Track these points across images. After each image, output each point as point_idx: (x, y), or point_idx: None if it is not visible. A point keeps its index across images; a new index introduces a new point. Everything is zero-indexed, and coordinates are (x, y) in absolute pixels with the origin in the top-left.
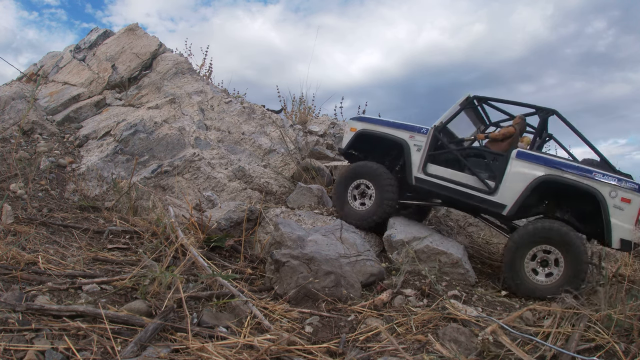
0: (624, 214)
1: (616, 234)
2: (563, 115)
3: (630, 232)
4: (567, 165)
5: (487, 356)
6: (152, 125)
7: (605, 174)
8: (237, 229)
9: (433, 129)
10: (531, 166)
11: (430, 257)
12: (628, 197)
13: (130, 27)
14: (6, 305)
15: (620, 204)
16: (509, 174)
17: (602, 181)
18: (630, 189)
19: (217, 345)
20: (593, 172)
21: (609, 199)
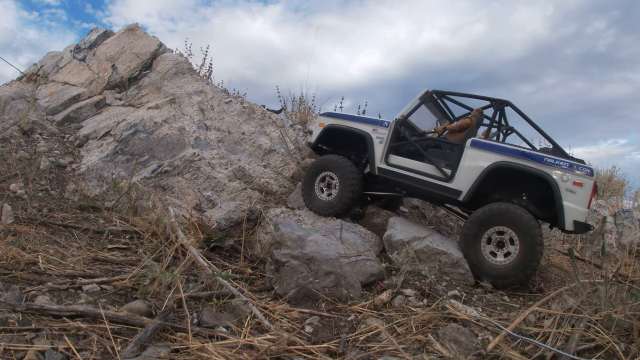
0: (576, 196)
1: (569, 216)
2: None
3: (583, 214)
4: (518, 152)
5: (487, 356)
6: (152, 125)
7: (557, 159)
8: (237, 229)
9: (394, 122)
10: (484, 154)
11: (430, 257)
12: (580, 181)
13: (130, 27)
14: (6, 305)
15: (572, 187)
16: (464, 161)
17: (553, 166)
18: (582, 172)
19: (217, 345)
20: (544, 157)
21: (561, 183)
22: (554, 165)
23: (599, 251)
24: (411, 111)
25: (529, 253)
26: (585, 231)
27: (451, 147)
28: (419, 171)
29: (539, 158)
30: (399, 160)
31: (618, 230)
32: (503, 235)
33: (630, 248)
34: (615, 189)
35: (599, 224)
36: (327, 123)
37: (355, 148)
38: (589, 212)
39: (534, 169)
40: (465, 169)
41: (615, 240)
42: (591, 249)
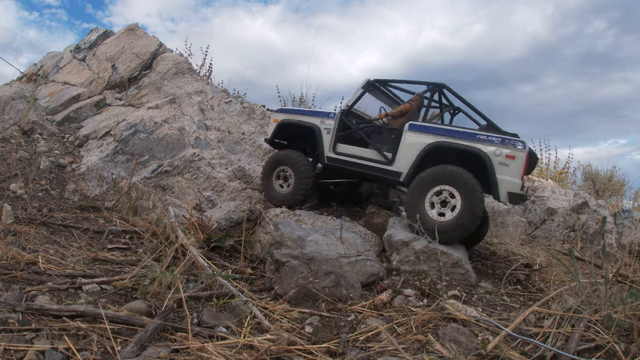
0: (509, 169)
1: (503, 188)
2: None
3: (517, 185)
4: (452, 131)
5: (487, 356)
6: (152, 125)
7: (490, 135)
8: (237, 229)
9: (340, 112)
10: (421, 135)
11: (430, 257)
12: (512, 154)
13: (131, 27)
14: (6, 305)
15: (505, 161)
16: (403, 144)
17: (486, 142)
18: (514, 146)
19: (217, 345)
20: (477, 134)
21: (494, 157)
22: (486, 142)
23: (599, 251)
24: (355, 101)
25: (469, 212)
26: (520, 202)
27: (392, 132)
28: (364, 157)
29: (472, 135)
30: (345, 149)
31: (618, 230)
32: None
33: (630, 248)
34: (615, 189)
35: (598, 224)
36: (281, 119)
37: (308, 141)
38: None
39: (468, 145)
40: (404, 152)
41: (615, 240)
42: (591, 249)
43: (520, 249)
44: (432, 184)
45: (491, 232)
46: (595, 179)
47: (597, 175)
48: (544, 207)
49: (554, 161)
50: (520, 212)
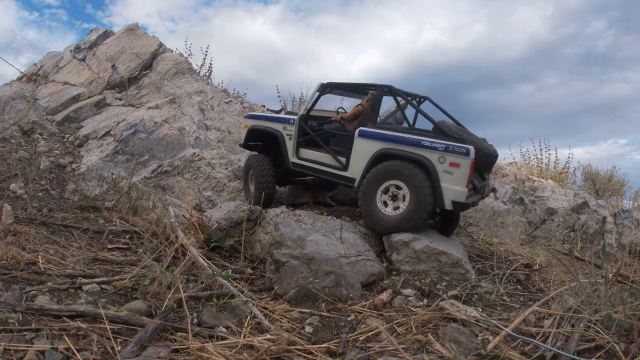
0: (454, 177)
1: (447, 196)
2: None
3: (461, 194)
4: (399, 138)
5: (487, 356)
6: (152, 125)
7: (434, 141)
8: (237, 229)
9: (298, 118)
10: (370, 142)
11: (430, 257)
12: (457, 162)
13: (130, 27)
14: (6, 305)
15: (449, 169)
16: (354, 151)
17: (430, 149)
18: (459, 153)
19: (217, 345)
20: (422, 141)
21: (438, 165)
22: (430, 148)
23: (599, 251)
24: (312, 105)
25: (416, 206)
26: (464, 209)
27: (346, 137)
28: (323, 163)
29: (417, 142)
30: (307, 154)
31: (618, 230)
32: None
33: (630, 248)
34: (615, 189)
35: (598, 224)
36: (250, 124)
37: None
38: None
39: (413, 153)
40: (355, 158)
41: (615, 240)
42: (591, 249)
43: (520, 249)
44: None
45: (491, 232)
46: (595, 179)
47: (597, 175)
48: (544, 207)
49: (554, 161)
50: (520, 212)
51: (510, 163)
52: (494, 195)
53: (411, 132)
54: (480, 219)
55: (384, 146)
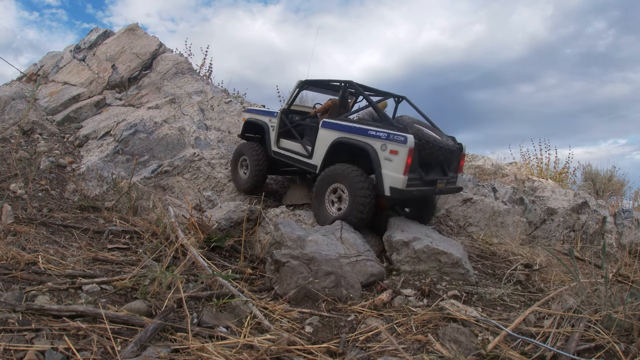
0: (393, 164)
1: (387, 182)
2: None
3: (399, 180)
4: (351, 127)
5: (487, 356)
6: (152, 125)
7: (379, 130)
8: (237, 229)
9: (280, 111)
10: (329, 132)
11: (430, 257)
12: (396, 149)
13: (130, 27)
14: (6, 305)
15: (389, 156)
16: (318, 140)
17: (374, 137)
18: (397, 141)
19: (217, 345)
20: (368, 130)
21: (380, 152)
22: (375, 137)
23: (599, 251)
24: (292, 100)
25: (354, 206)
26: (402, 197)
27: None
28: (296, 151)
29: (365, 131)
30: (286, 144)
31: (618, 230)
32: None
33: (630, 248)
34: (615, 189)
35: (598, 224)
36: (247, 117)
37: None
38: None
39: (360, 141)
40: (318, 147)
41: (615, 240)
42: (591, 249)
43: (520, 249)
44: (328, 185)
45: (491, 232)
46: (595, 179)
47: (597, 175)
48: (544, 207)
49: (554, 161)
50: (520, 212)
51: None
52: (494, 195)
53: (362, 123)
54: (480, 219)
55: (339, 135)
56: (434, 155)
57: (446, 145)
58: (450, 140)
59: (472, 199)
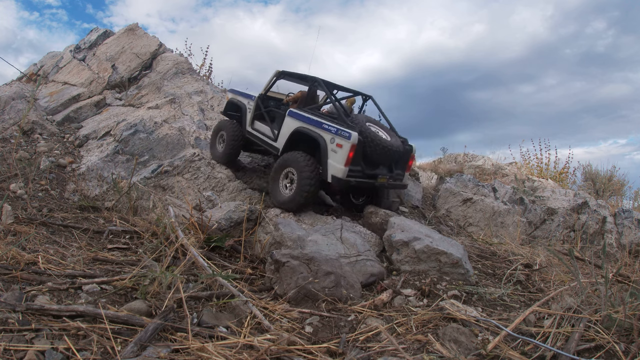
0: (337, 156)
1: (330, 171)
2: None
3: (340, 170)
4: (309, 120)
5: (487, 356)
6: (152, 125)
7: (330, 125)
8: (237, 229)
9: (257, 96)
10: (292, 120)
11: (430, 257)
12: (341, 143)
13: (130, 27)
14: (6, 305)
15: (335, 148)
16: (283, 126)
17: (326, 130)
18: (343, 136)
19: (217, 345)
20: (322, 123)
21: (329, 144)
22: (327, 130)
23: (599, 251)
24: (268, 88)
25: (299, 188)
26: (341, 185)
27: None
28: (265, 134)
29: (320, 124)
30: (258, 125)
31: (618, 230)
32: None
33: (630, 248)
34: (615, 189)
35: (598, 224)
36: (230, 97)
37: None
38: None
39: (315, 132)
40: (282, 132)
41: (615, 240)
42: (591, 249)
43: (520, 249)
44: (281, 169)
45: (491, 232)
46: (595, 179)
47: (597, 175)
48: (544, 207)
49: (554, 161)
50: (520, 212)
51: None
52: (494, 195)
53: (319, 117)
54: (480, 219)
55: (300, 125)
56: (378, 153)
57: (391, 145)
58: (400, 142)
59: (472, 199)
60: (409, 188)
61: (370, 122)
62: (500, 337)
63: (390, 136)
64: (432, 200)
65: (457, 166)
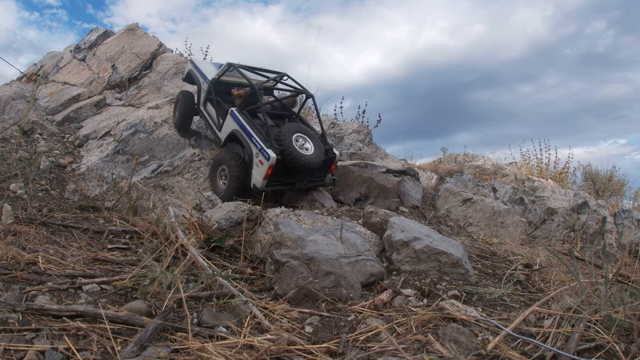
0: (259, 169)
1: (253, 179)
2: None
3: (259, 182)
4: (244, 127)
5: (487, 356)
6: (152, 125)
7: (257, 142)
8: (237, 229)
9: (210, 80)
10: (232, 122)
11: (430, 257)
12: (262, 161)
13: (130, 27)
14: (6, 305)
15: (258, 163)
16: (225, 122)
17: (255, 145)
18: (264, 156)
19: (217, 345)
20: (253, 137)
21: (255, 157)
22: (254, 144)
23: (599, 251)
24: (219, 76)
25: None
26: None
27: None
28: (212, 118)
29: (250, 136)
30: (209, 108)
31: (618, 230)
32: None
33: (630, 248)
34: (615, 189)
35: (599, 224)
36: (188, 68)
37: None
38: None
39: (245, 141)
40: (224, 127)
41: (615, 240)
42: (591, 249)
43: (520, 249)
44: (218, 165)
45: (491, 232)
46: (595, 179)
47: (597, 175)
48: (544, 207)
49: (554, 161)
50: (520, 212)
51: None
52: (494, 195)
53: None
54: (480, 219)
55: (236, 128)
56: (298, 168)
57: (311, 162)
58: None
59: (472, 199)
60: (408, 188)
61: (300, 132)
62: (500, 337)
63: (316, 146)
64: (432, 200)
65: (457, 166)
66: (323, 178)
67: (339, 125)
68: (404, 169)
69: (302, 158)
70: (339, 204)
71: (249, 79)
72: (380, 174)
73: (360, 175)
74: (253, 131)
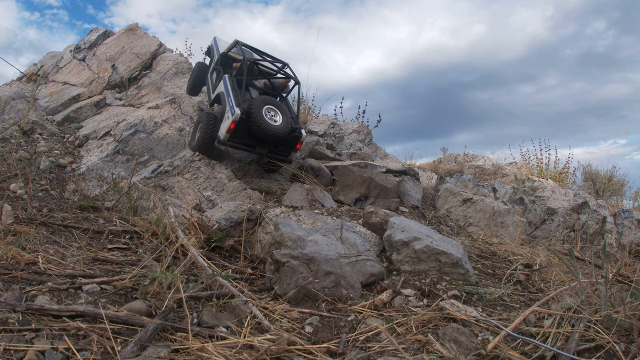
0: (225, 123)
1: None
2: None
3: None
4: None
5: (487, 356)
6: (152, 125)
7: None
8: (237, 229)
9: (220, 54)
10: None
11: (430, 257)
12: (229, 115)
13: (131, 27)
14: (6, 305)
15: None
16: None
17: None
18: (231, 112)
19: (217, 345)
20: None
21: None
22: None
23: (599, 251)
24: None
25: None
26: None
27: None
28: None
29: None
30: (213, 76)
31: (618, 230)
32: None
33: (630, 248)
34: (615, 189)
35: (599, 224)
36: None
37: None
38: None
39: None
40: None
41: (615, 240)
42: (591, 249)
43: (520, 249)
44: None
45: (491, 232)
46: (595, 179)
47: (597, 175)
48: (544, 207)
49: (554, 161)
50: (520, 212)
51: (510, 163)
52: (494, 195)
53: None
54: (480, 219)
55: (222, 90)
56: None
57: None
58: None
59: (472, 199)
60: (408, 188)
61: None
62: (500, 337)
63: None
64: (432, 200)
65: (457, 166)
66: (286, 155)
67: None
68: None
69: (266, 125)
70: (339, 204)
71: (244, 55)
72: (380, 174)
73: (360, 175)
74: (232, 93)
